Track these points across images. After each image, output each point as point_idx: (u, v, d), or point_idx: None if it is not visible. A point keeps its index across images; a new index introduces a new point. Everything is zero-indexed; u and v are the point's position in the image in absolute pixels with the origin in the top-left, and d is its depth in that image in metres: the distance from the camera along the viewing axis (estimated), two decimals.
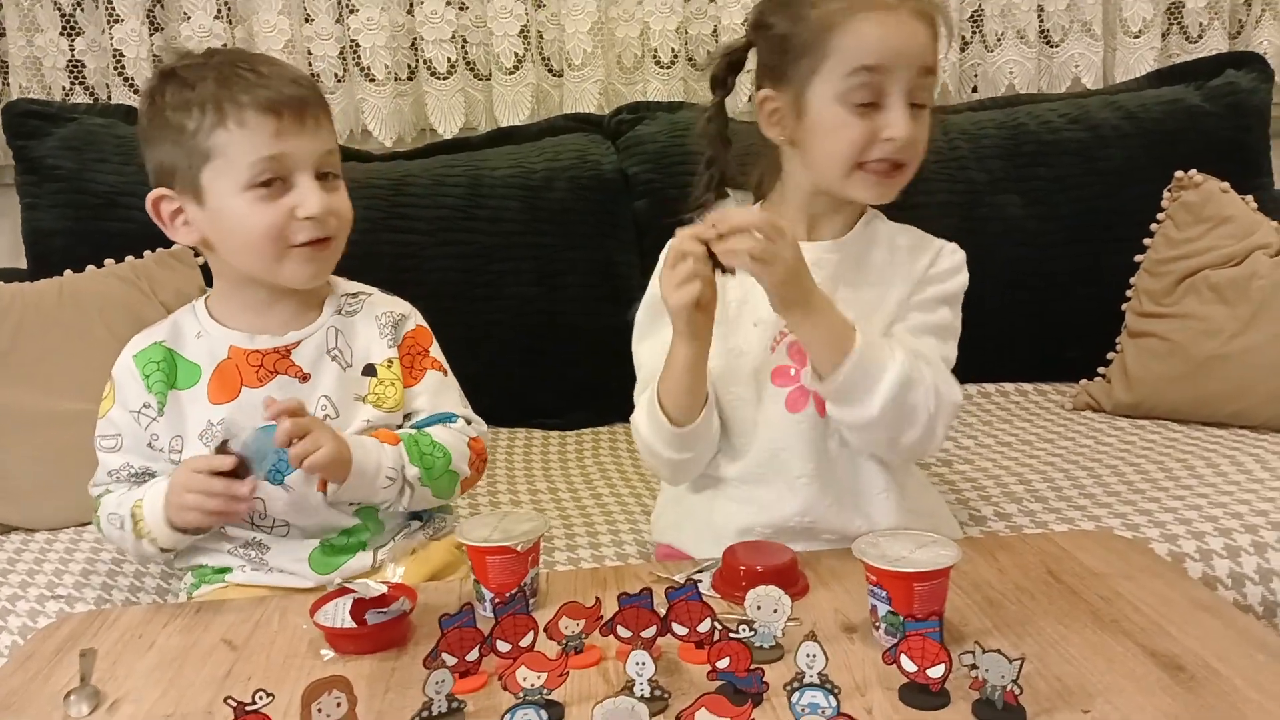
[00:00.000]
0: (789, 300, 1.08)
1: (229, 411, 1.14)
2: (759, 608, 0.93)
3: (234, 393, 1.14)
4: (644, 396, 1.19)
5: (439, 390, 1.23)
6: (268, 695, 0.80)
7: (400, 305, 1.24)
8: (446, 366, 1.25)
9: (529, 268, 1.93)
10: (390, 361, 1.20)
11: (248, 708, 0.78)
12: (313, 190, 1.10)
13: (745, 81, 1.27)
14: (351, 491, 1.13)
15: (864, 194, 1.16)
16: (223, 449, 1.08)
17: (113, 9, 2.03)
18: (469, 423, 1.24)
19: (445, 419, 1.22)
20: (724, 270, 1.06)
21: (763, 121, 1.20)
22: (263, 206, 1.09)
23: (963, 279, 1.22)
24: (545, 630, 0.92)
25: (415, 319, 1.25)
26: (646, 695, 0.85)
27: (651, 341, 1.23)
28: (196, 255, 1.73)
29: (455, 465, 1.18)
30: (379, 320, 1.21)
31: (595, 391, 1.91)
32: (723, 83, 1.23)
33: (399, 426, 1.20)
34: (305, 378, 1.16)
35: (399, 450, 1.15)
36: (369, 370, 1.20)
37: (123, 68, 2.05)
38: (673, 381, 1.14)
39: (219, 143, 1.09)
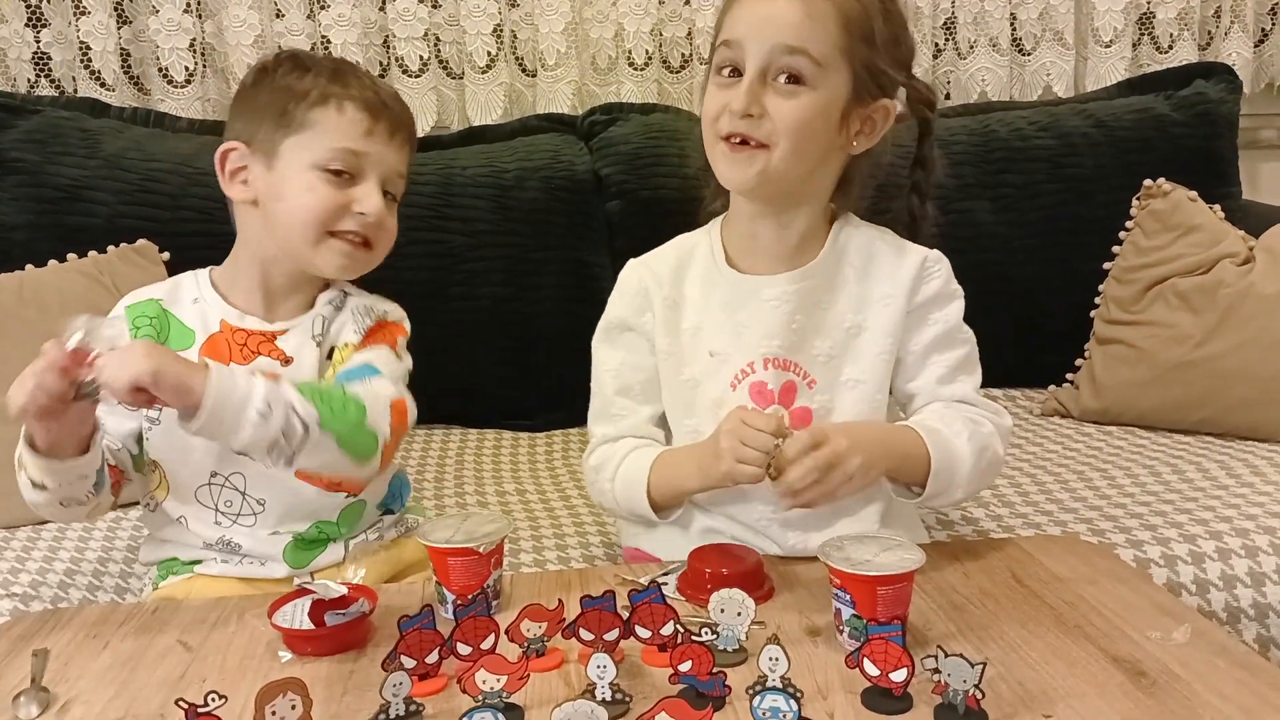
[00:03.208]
0: (882, 475, 1.09)
1: None
2: (723, 610, 0.93)
3: (226, 362, 1.13)
4: (626, 463, 1.18)
5: (375, 360, 1.17)
6: (220, 697, 0.78)
7: (385, 303, 1.23)
8: (405, 357, 1.21)
9: (500, 268, 1.92)
10: (348, 345, 1.18)
11: (199, 709, 0.77)
12: (375, 193, 1.14)
13: None
14: (213, 421, 0.97)
15: (719, 169, 1.14)
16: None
17: (80, 1, 2.00)
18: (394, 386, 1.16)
19: (360, 372, 1.14)
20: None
21: None
22: (325, 189, 1.13)
23: (960, 297, 1.20)
24: (506, 633, 0.91)
25: (395, 315, 1.23)
26: (608, 698, 0.84)
27: (609, 363, 1.23)
28: (162, 251, 1.71)
29: (370, 423, 1.06)
30: (355, 311, 1.21)
31: (567, 393, 1.88)
32: None
33: None
34: (288, 361, 1.16)
35: (284, 385, 1.02)
36: (330, 353, 1.19)
37: (89, 61, 2.02)
38: (673, 493, 1.16)
39: (315, 118, 1.13)
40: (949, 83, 2.32)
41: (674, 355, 1.19)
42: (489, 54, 2.14)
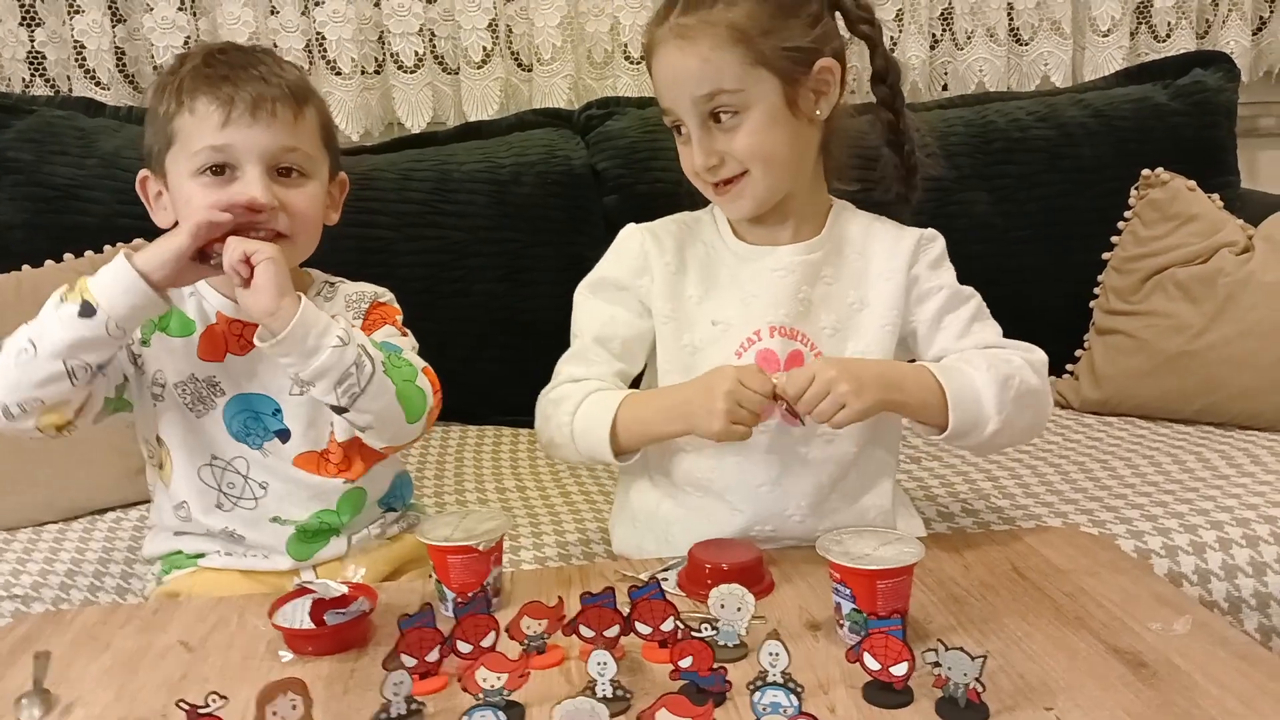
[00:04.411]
0: (882, 406, 1.08)
1: (217, 370, 1.14)
2: (723, 606, 0.93)
3: (221, 356, 1.15)
4: (589, 400, 1.16)
5: (389, 339, 1.19)
6: (221, 698, 0.78)
7: (374, 288, 1.25)
8: (409, 334, 1.23)
9: (498, 264, 1.92)
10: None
11: (200, 710, 0.77)
12: (254, 182, 1.09)
13: None
14: (297, 337, 1.03)
15: (725, 209, 1.20)
16: None
17: (74, 0, 2.00)
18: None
19: (389, 348, 1.15)
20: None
21: None
22: (205, 193, 1.10)
23: (951, 267, 1.23)
24: (507, 630, 0.91)
25: (386, 296, 1.25)
26: (609, 695, 0.84)
27: (595, 313, 1.23)
28: None
29: (421, 382, 1.12)
30: (349, 298, 1.22)
31: None
32: None
33: None
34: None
35: (358, 331, 1.11)
36: None
37: (84, 59, 2.02)
38: (643, 436, 1.14)
39: (177, 127, 1.11)
40: (946, 73, 2.32)
41: (675, 320, 1.19)
42: (484, 49, 2.13)
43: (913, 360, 1.22)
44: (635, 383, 1.25)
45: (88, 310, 1.02)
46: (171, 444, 1.16)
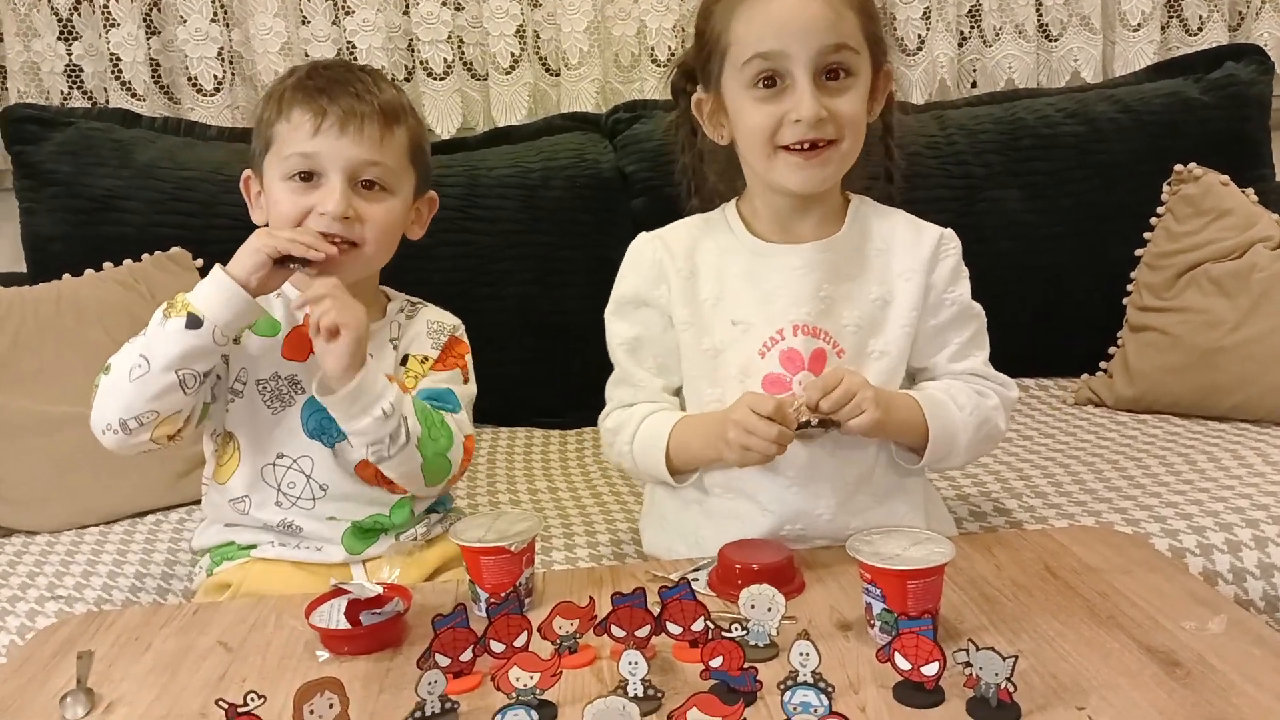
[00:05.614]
0: (881, 425, 1.09)
1: (299, 369, 1.18)
2: (753, 606, 0.93)
3: (304, 355, 1.18)
4: (644, 427, 1.19)
5: (454, 385, 1.25)
6: (260, 697, 0.80)
7: (453, 320, 1.30)
8: (473, 378, 1.28)
9: (528, 267, 1.93)
10: (426, 359, 1.24)
11: (239, 709, 0.78)
12: (335, 190, 1.14)
13: None
14: (348, 399, 1.09)
15: (789, 178, 1.14)
16: None
17: (109, 13, 2.03)
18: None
19: (445, 398, 1.22)
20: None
21: (704, 125, 1.22)
22: (291, 197, 1.16)
23: (968, 276, 1.23)
24: (539, 630, 0.92)
25: (462, 332, 1.30)
26: (640, 695, 0.85)
27: (624, 335, 1.24)
28: (196, 258, 1.74)
29: (452, 454, 1.18)
30: (430, 324, 1.27)
31: (596, 390, 1.89)
32: (682, 90, 1.24)
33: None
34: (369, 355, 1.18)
35: (407, 398, 1.15)
36: (405, 360, 1.24)
37: (120, 72, 2.06)
38: (690, 460, 1.18)
39: (275, 133, 1.18)
40: (975, 70, 2.30)
41: (694, 325, 1.20)
42: (512, 55, 2.15)
43: None
44: None
45: (194, 322, 1.07)
46: (241, 439, 1.19)
